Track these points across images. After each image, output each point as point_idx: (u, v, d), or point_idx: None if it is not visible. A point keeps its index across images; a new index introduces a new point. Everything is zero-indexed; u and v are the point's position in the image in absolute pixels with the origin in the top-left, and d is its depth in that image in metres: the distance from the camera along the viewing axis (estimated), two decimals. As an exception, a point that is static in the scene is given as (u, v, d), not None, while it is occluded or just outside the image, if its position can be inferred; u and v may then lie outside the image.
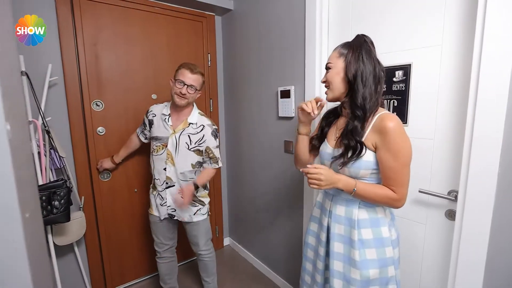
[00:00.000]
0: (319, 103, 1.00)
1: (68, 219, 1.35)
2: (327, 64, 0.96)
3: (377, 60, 0.90)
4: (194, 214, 1.53)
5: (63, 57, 1.56)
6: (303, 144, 1.09)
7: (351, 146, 0.87)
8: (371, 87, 0.87)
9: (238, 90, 2.09)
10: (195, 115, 1.47)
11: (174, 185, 1.48)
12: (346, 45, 0.93)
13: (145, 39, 1.81)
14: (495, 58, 0.83)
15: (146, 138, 1.61)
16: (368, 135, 0.87)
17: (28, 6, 1.44)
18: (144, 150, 1.88)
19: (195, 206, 1.53)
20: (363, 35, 0.92)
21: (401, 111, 1.15)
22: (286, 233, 1.82)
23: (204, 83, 1.48)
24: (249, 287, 1.93)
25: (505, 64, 0.81)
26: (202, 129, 1.46)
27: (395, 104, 1.17)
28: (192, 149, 1.45)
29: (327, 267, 1.05)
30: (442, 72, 1.02)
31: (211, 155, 1.49)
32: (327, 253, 1.03)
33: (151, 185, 1.57)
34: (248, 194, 2.14)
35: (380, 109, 0.90)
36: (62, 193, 1.32)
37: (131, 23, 1.75)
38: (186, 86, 1.37)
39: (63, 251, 1.66)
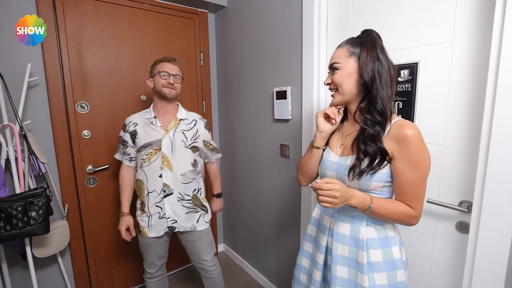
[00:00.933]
0: (337, 109, 0.89)
1: (47, 230, 1.25)
2: (332, 64, 0.82)
3: (390, 58, 0.79)
4: (197, 222, 1.40)
5: (44, 56, 1.45)
6: (316, 159, 0.93)
7: (370, 153, 0.75)
8: (388, 90, 0.77)
9: (232, 90, 1.99)
10: (182, 111, 1.40)
11: (172, 193, 1.33)
12: (356, 42, 0.80)
13: (134, 37, 1.71)
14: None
15: (132, 160, 1.39)
16: (383, 144, 0.77)
17: (7, 1, 1.34)
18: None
19: (197, 212, 1.41)
20: (372, 30, 0.81)
21: (407, 114, 1.06)
22: (283, 240, 1.73)
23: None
24: (245, 298, 1.83)
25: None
26: (195, 124, 1.39)
27: (400, 106, 1.08)
28: (189, 146, 1.36)
29: None
30: (452, 71, 0.93)
31: (210, 146, 1.46)
32: (324, 278, 0.91)
33: (139, 208, 1.38)
34: (242, 199, 2.04)
35: (393, 115, 0.80)
36: (40, 203, 1.22)
37: (118, 20, 1.65)
38: (171, 76, 1.31)
39: (45, 262, 1.56)
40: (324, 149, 0.93)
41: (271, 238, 1.82)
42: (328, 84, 0.85)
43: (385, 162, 0.76)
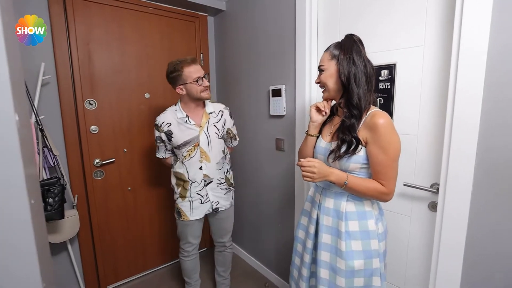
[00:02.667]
0: (328, 103, 1.05)
1: (62, 216, 1.35)
2: (319, 66, 0.99)
3: (367, 59, 0.93)
4: (232, 199, 1.59)
5: (55, 56, 1.56)
6: (311, 145, 1.10)
7: (347, 141, 0.91)
8: (364, 86, 0.90)
9: (230, 89, 2.12)
10: (209, 105, 1.50)
11: (212, 181, 1.49)
12: (337, 47, 0.95)
13: (138, 38, 1.83)
14: (470, 57, 0.89)
15: (173, 154, 1.53)
16: (360, 131, 0.91)
17: (21, 5, 1.44)
18: (135, 149, 1.90)
19: (231, 190, 1.57)
20: (352, 35, 0.95)
21: (387, 109, 1.21)
22: (278, 229, 1.86)
23: None
24: (242, 284, 1.96)
25: (479, 64, 0.87)
26: (222, 115, 1.51)
27: (381, 102, 1.22)
28: (221, 137, 1.50)
29: (314, 260, 1.08)
30: (424, 71, 1.08)
31: (231, 134, 1.59)
32: (315, 246, 1.07)
33: (178, 196, 1.50)
34: (239, 191, 2.17)
35: (371, 106, 0.94)
36: (56, 191, 1.32)
37: (123, 23, 1.77)
38: (203, 78, 1.38)
39: (56, 249, 1.66)
40: (317, 137, 1.09)
41: (267, 227, 1.96)
42: (318, 83, 1.02)
43: (360, 147, 0.91)
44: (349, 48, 0.91)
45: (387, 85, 1.20)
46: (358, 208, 0.97)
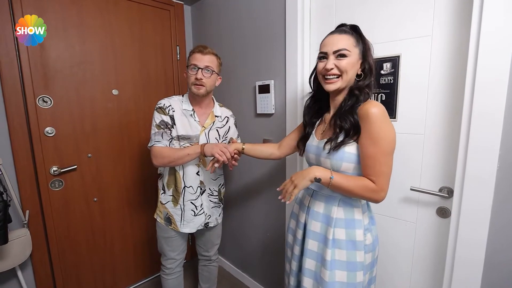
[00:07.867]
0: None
1: (5, 240, 1.10)
2: (340, 50, 0.82)
3: None
4: (219, 215, 1.44)
5: (-4, 41, 1.28)
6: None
7: (345, 129, 0.82)
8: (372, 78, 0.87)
9: (211, 85, 1.93)
10: (217, 108, 1.35)
11: (205, 190, 1.32)
12: (355, 35, 0.85)
13: (104, 26, 1.58)
14: (493, 46, 0.79)
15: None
16: None
17: None
18: (102, 154, 1.65)
19: (220, 206, 1.43)
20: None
21: (390, 106, 1.09)
22: (266, 237, 1.71)
23: (221, 65, 1.33)
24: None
25: (505, 52, 0.77)
26: (227, 121, 1.37)
27: (383, 98, 1.11)
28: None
29: (301, 268, 0.99)
30: (432, 64, 0.98)
31: None
32: (303, 253, 0.97)
33: (169, 198, 1.30)
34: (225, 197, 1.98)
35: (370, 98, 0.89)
36: (-5, 209, 1.06)
37: (84, 8, 1.51)
38: (200, 69, 1.19)
39: (1, 278, 1.37)
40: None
41: (254, 234, 1.79)
42: (332, 68, 0.84)
43: (358, 134, 0.81)
44: (365, 39, 0.87)
45: (390, 80, 1.09)
46: (347, 215, 0.89)
